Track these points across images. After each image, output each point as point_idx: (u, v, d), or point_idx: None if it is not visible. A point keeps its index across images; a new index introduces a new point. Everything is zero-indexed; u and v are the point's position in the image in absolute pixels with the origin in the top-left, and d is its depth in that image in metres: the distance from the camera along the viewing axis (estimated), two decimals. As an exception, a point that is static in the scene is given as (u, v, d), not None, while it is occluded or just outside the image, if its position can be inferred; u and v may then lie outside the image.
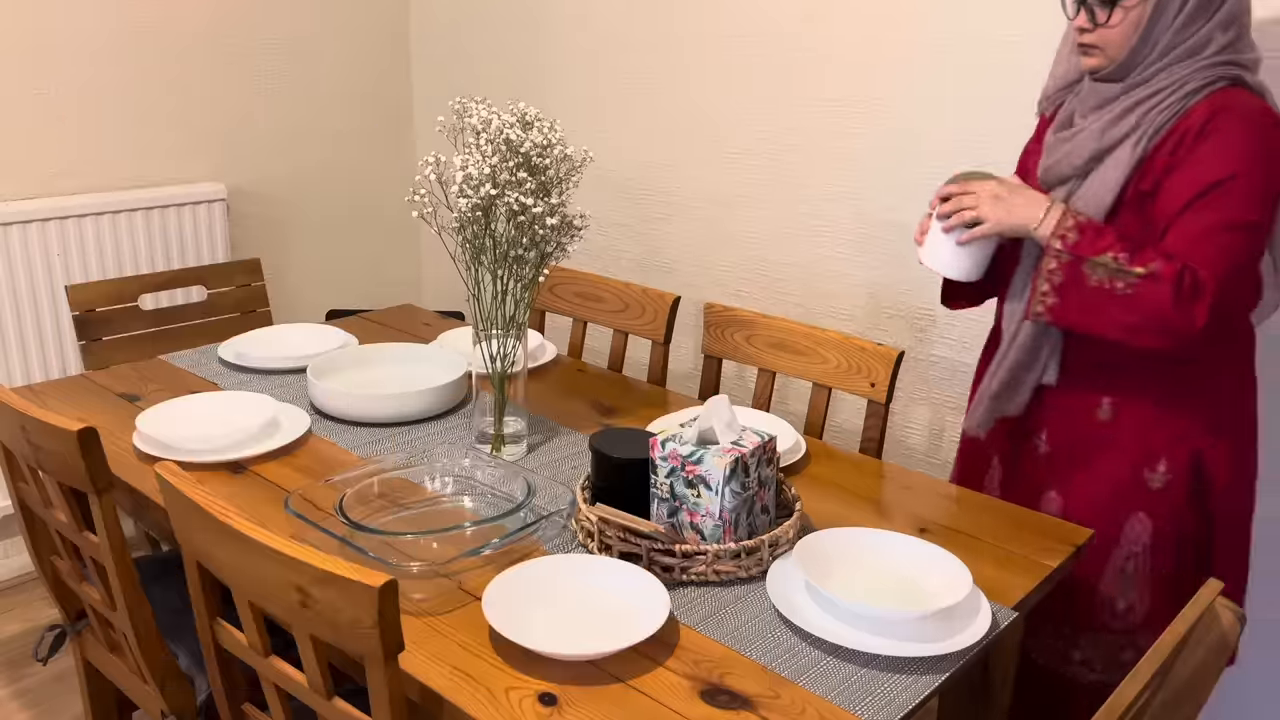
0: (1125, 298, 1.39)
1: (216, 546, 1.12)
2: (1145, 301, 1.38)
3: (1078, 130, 1.51)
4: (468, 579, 1.28)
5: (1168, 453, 1.50)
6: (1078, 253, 1.42)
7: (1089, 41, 1.47)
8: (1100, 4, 1.44)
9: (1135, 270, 1.38)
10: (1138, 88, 1.46)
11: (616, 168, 2.73)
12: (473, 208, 1.49)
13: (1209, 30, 1.42)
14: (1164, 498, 1.51)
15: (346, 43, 3.01)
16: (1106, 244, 1.41)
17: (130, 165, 2.64)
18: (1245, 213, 1.37)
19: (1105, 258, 1.40)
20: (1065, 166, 1.51)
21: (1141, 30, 1.43)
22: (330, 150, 3.04)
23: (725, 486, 1.28)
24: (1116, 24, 1.44)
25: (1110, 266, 1.40)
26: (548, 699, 1.07)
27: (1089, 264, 1.41)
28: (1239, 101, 1.40)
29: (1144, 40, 1.44)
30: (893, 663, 1.14)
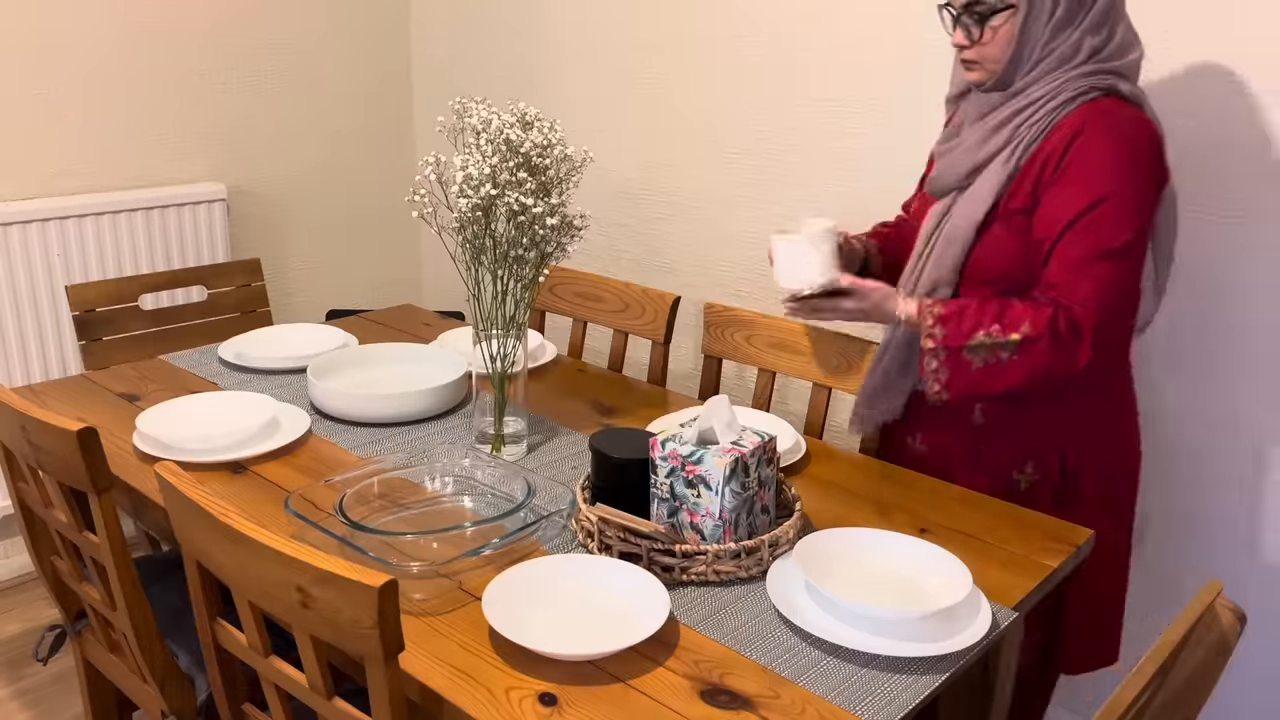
0: (1012, 363, 1.45)
1: (216, 546, 1.12)
2: (1030, 362, 1.44)
3: (960, 142, 1.57)
4: (468, 579, 1.28)
5: (1036, 455, 1.57)
6: (950, 345, 1.47)
7: (969, 57, 1.53)
8: (973, 22, 1.50)
9: (1011, 339, 1.44)
10: (1016, 97, 1.51)
11: (616, 168, 2.73)
12: (473, 208, 1.49)
13: (1079, 37, 1.47)
14: (1029, 499, 1.57)
15: (347, 43, 3.01)
16: (972, 324, 1.46)
17: (130, 165, 2.64)
18: (1117, 236, 1.42)
19: (978, 338, 1.46)
20: (949, 178, 1.58)
21: (1015, 43, 1.49)
22: (330, 150, 3.04)
23: (725, 486, 1.28)
24: (990, 40, 1.49)
25: (987, 344, 1.45)
26: (548, 699, 1.07)
27: (967, 350, 1.46)
28: (1108, 113, 1.45)
29: (1018, 52, 1.49)
30: (893, 663, 1.14)
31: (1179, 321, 1.86)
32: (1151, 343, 1.89)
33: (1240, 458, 1.83)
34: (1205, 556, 1.91)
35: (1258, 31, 1.69)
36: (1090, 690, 2.13)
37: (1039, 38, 1.48)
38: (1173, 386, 1.89)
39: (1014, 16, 1.47)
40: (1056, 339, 1.42)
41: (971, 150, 1.55)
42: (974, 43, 1.51)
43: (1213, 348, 1.83)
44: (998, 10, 1.48)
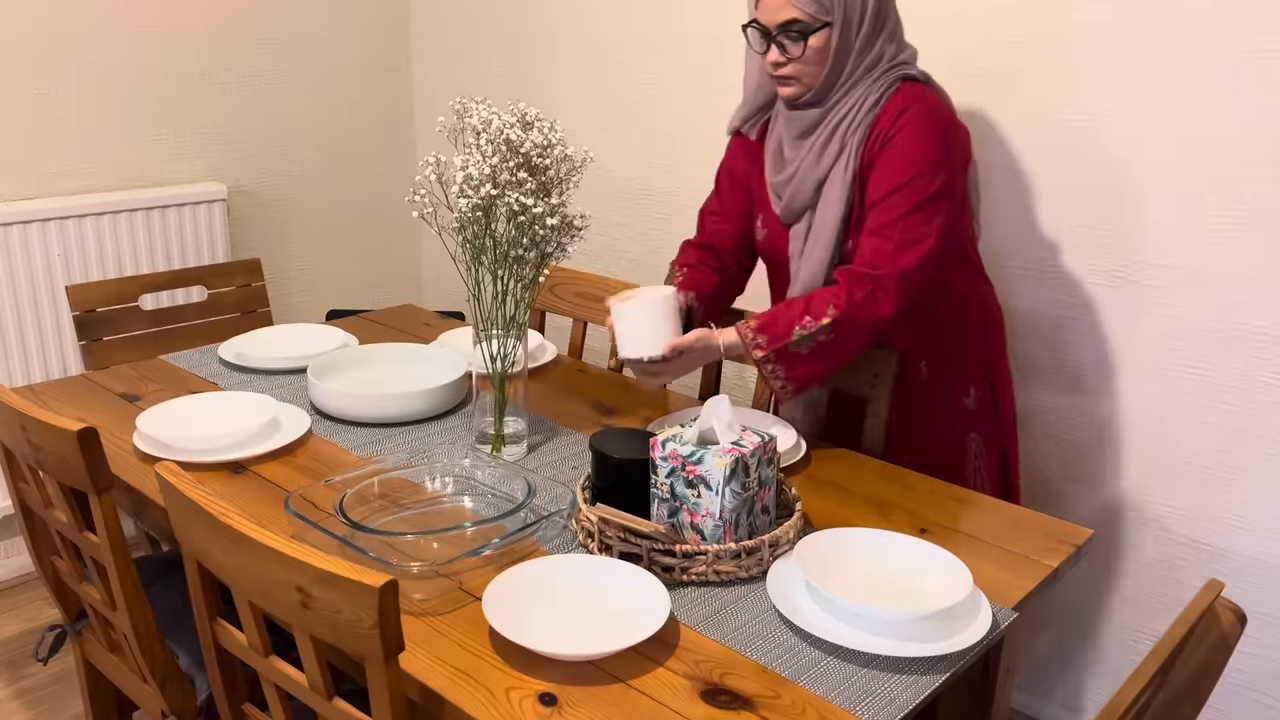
0: (833, 342, 1.57)
1: (216, 546, 1.12)
2: (848, 337, 1.57)
3: (795, 166, 1.68)
4: (468, 579, 1.28)
5: (973, 377, 1.77)
6: (776, 348, 1.58)
7: (787, 74, 1.62)
8: (790, 40, 1.58)
9: (823, 324, 1.56)
10: (834, 109, 1.63)
11: (617, 168, 2.73)
12: (473, 208, 1.49)
13: (881, 47, 1.61)
14: (980, 414, 1.78)
15: (347, 43, 3.01)
16: (785, 324, 1.58)
17: (130, 165, 2.64)
18: (927, 187, 1.56)
19: (796, 333, 1.57)
20: (800, 201, 1.69)
21: (832, 56, 1.59)
22: (330, 150, 3.04)
23: (725, 487, 1.28)
24: (809, 56, 1.59)
25: (806, 335, 1.57)
26: (548, 699, 1.07)
27: (791, 346, 1.57)
28: (913, 96, 1.60)
29: (836, 66, 1.60)
30: (893, 663, 1.14)
31: (1188, 326, 1.86)
32: (1152, 343, 1.89)
33: (1241, 457, 1.84)
34: (1205, 556, 1.91)
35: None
36: (1091, 690, 2.13)
37: (850, 52, 1.60)
38: (1174, 387, 1.89)
39: (829, 32, 1.58)
40: (860, 309, 1.56)
41: (811, 168, 1.66)
42: (792, 60, 1.59)
43: (1218, 350, 1.83)
44: (815, 29, 1.57)
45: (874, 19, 1.60)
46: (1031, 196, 1.99)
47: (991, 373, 1.80)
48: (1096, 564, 2.05)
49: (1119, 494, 2.00)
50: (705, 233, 1.88)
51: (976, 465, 1.80)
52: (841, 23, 1.57)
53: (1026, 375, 2.07)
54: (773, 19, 1.58)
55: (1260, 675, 1.89)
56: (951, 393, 1.78)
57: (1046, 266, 2.00)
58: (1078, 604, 2.10)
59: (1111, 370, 1.96)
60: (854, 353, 1.61)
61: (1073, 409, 2.03)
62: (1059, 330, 2.01)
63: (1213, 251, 1.80)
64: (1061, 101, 1.92)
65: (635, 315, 1.59)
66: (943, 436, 1.79)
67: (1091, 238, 1.93)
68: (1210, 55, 1.74)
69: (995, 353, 1.81)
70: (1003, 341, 1.83)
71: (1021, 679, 2.22)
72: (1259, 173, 1.73)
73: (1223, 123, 1.75)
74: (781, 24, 1.58)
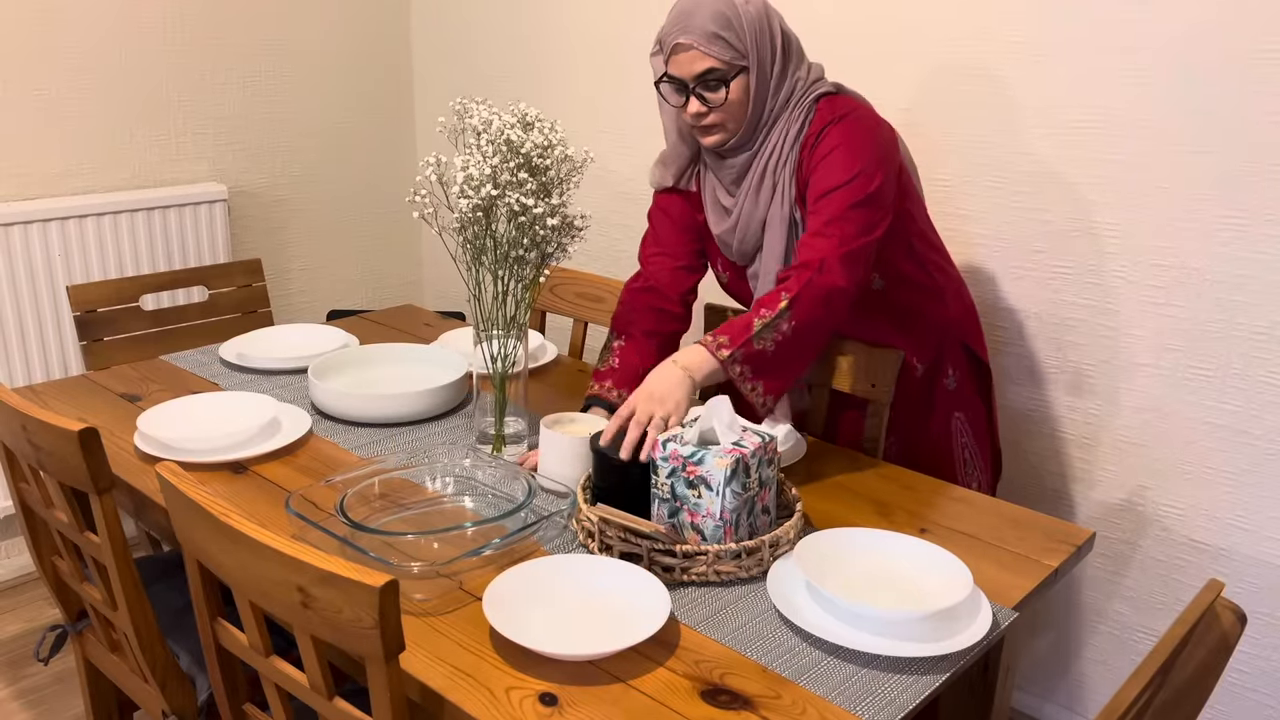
0: (795, 329, 1.53)
1: (217, 546, 1.12)
2: (808, 317, 1.53)
3: (736, 213, 1.69)
4: (468, 579, 1.28)
5: (951, 359, 1.79)
6: (740, 346, 1.53)
7: (711, 122, 1.61)
8: (708, 89, 1.58)
9: (781, 309, 1.52)
10: (761, 150, 1.65)
11: (617, 168, 2.73)
12: (473, 208, 1.49)
13: (793, 77, 1.63)
14: (960, 393, 1.81)
15: (347, 43, 3.01)
16: (745, 322, 1.54)
17: (131, 165, 2.64)
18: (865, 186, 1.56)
19: (756, 327, 1.53)
20: (750, 244, 1.70)
21: (753, 98, 1.60)
22: (331, 151, 3.04)
23: (726, 487, 1.28)
24: (729, 102, 1.59)
25: (767, 326, 1.53)
26: (548, 699, 1.07)
27: (754, 341, 1.53)
28: (832, 109, 1.61)
29: (755, 106, 1.61)
30: (893, 663, 1.14)
31: (1188, 326, 1.86)
32: (1152, 343, 1.89)
33: (1241, 457, 1.84)
34: (1205, 556, 1.91)
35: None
36: (1091, 690, 2.13)
37: (768, 91, 1.62)
38: (1174, 387, 1.89)
39: (747, 76, 1.59)
40: (808, 284, 1.53)
41: (751, 211, 1.67)
42: (713, 109, 1.59)
43: (1218, 350, 1.83)
44: (732, 76, 1.58)
45: (784, 53, 1.61)
46: (1032, 197, 1.99)
47: (969, 350, 1.82)
48: (1096, 564, 2.05)
49: (1119, 494, 2.00)
50: (648, 272, 1.82)
51: (963, 443, 1.82)
52: (756, 63, 1.58)
53: (1027, 375, 2.07)
54: (688, 71, 1.58)
55: (1260, 675, 1.89)
56: (933, 377, 1.79)
57: (1047, 266, 2.00)
58: (1078, 604, 2.10)
59: (1111, 370, 1.96)
60: (819, 334, 1.56)
61: (1073, 409, 2.03)
62: (1059, 330, 2.01)
63: (1213, 251, 1.80)
64: (1063, 102, 1.92)
65: (560, 446, 1.50)
66: (930, 421, 1.80)
67: (1092, 238, 1.93)
68: (1212, 55, 1.74)
69: (969, 330, 1.82)
70: (974, 317, 1.83)
71: (1021, 679, 2.22)
72: (1259, 173, 1.73)
73: (1224, 123, 1.75)
74: (699, 75, 1.57)
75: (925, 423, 1.80)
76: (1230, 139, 1.75)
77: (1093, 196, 1.92)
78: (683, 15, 1.57)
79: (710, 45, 1.55)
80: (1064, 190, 1.95)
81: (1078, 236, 1.95)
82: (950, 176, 2.09)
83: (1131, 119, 1.84)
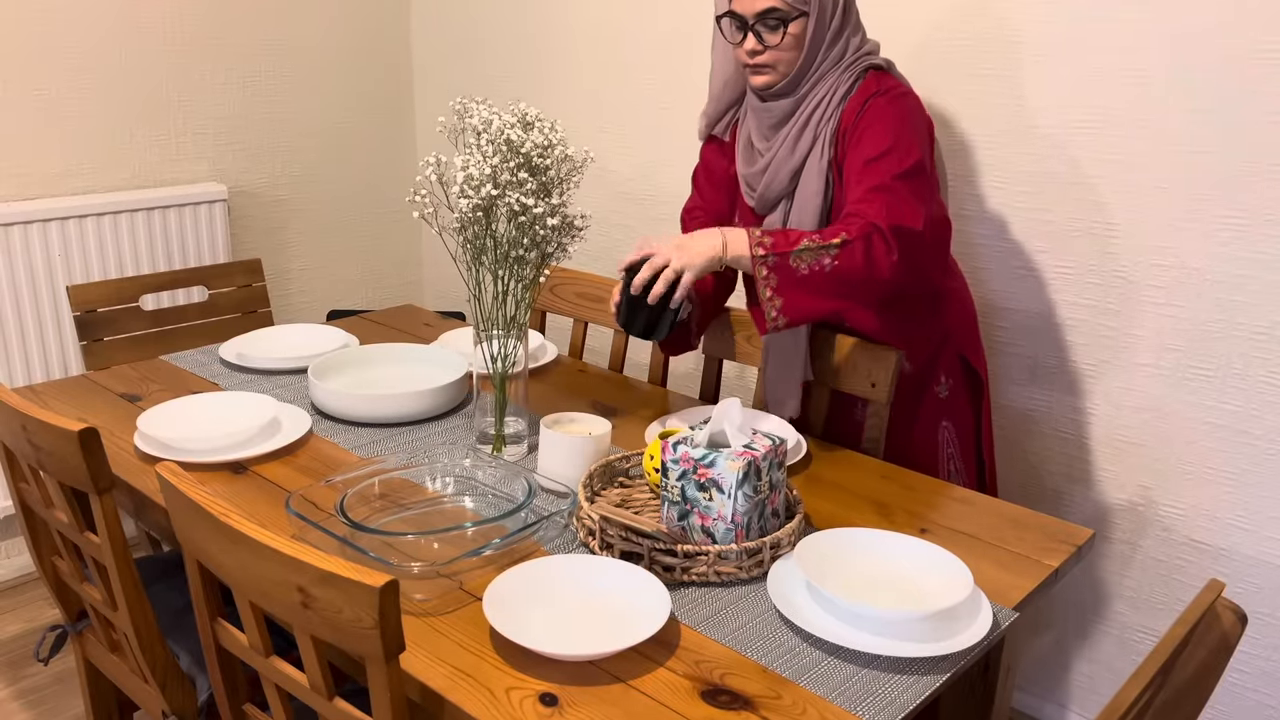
0: (836, 269, 1.52)
1: (217, 547, 1.12)
2: (851, 269, 1.52)
3: (769, 157, 1.70)
4: (468, 579, 1.28)
5: (945, 367, 1.79)
6: (779, 251, 1.52)
7: (763, 61, 1.65)
8: (768, 29, 1.61)
9: (832, 243, 1.52)
10: (805, 101, 1.67)
11: (617, 168, 2.73)
12: (474, 208, 1.49)
13: (848, 39, 1.66)
14: (951, 403, 1.80)
15: (347, 43, 3.01)
16: (796, 235, 1.54)
17: (131, 165, 2.64)
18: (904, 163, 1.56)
19: (803, 245, 1.52)
20: (776, 190, 1.71)
21: (807, 46, 1.63)
22: (331, 150, 3.04)
23: (738, 490, 1.28)
24: (785, 43, 1.62)
25: (811, 249, 1.52)
26: (548, 699, 1.07)
27: (793, 256, 1.52)
28: (880, 83, 1.64)
29: (809, 54, 1.64)
30: (893, 663, 1.14)
31: (1188, 326, 1.86)
32: (1152, 343, 1.89)
33: (1241, 457, 1.84)
34: (1206, 556, 1.91)
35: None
36: (1092, 691, 2.13)
37: (823, 42, 1.64)
38: (1174, 387, 1.89)
39: (805, 21, 1.62)
40: (869, 244, 1.52)
41: (785, 158, 1.68)
42: (769, 48, 1.63)
43: (1218, 350, 1.83)
44: (793, 18, 1.61)
45: (844, 12, 1.65)
46: (1032, 197, 1.99)
47: (965, 361, 1.82)
48: (1096, 564, 2.05)
49: (1119, 494, 2.00)
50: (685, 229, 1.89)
51: (949, 454, 1.82)
52: (817, 13, 1.62)
53: (1027, 375, 2.07)
54: (751, 8, 1.61)
55: (1261, 675, 1.89)
56: (924, 383, 1.79)
57: (1047, 267, 2.00)
58: (1078, 604, 2.10)
59: (1112, 370, 1.96)
60: (853, 286, 1.53)
61: (1073, 409, 2.03)
62: (1059, 330, 2.01)
63: (1213, 251, 1.80)
64: (1065, 102, 1.92)
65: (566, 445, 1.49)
66: (915, 427, 1.81)
67: (1092, 238, 1.93)
68: (1212, 55, 1.74)
69: (968, 341, 1.82)
70: (975, 329, 1.84)
71: (1021, 679, 2.22)
72: (1260, 172, 1.73)
73: (1224, 123, 1.75)
74: (760, 12, 1.61)
75: (910, 429, 1.81)
76: (1230, 139, 1.75)
77: (1093, 196, 1.92)
78: None
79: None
80: (1064, 190, 1.95)
81: (1078, 236, 1.95)
82: (951, 176, 2.09)
83: (1131, 119, 1.84)
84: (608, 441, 1.53)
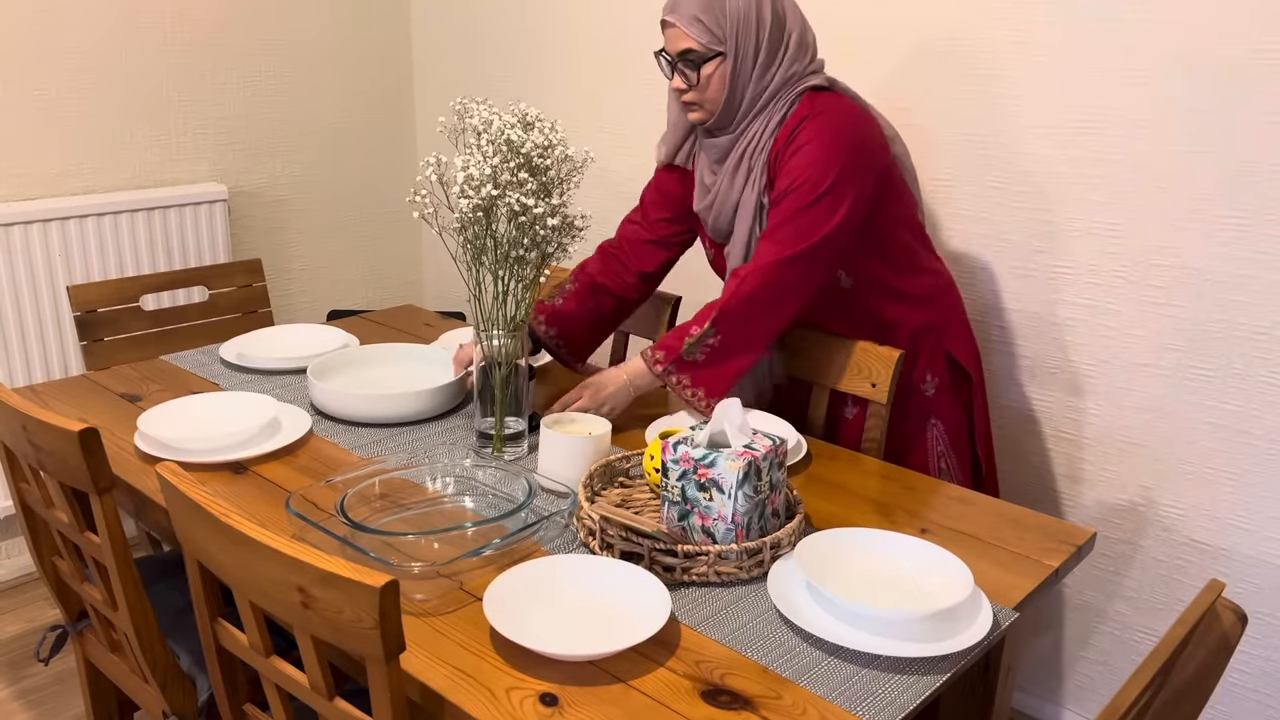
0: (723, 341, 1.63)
1: (217, 547, 1.12)
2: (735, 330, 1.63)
3: (714, 192, 1.74)
4: (469, 579, 1.28)
5: (929, 366, 1.80)
6: (673, 358, 1.65)
7: (689, 100, 1.68)
8: (688, 68, 1.64)
9: (706, 328, 1.63)
10: (742, 136, 1.69)
11: (617, 168, 2.73)
12: (474, 208, 1.49)
13: (781, 68, 1.65)
14: (939, 401, 1.81)
15: (347, 43, 3.01)
16: (678, 335, 1.65)
17: (131, 165, 2.64)
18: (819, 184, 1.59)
19: (687, 342, 1.64)
20: (723, 223, 1.75)
21: (728, 85, 1.64)
22: (331, 151, 3.04)
23: (738, 490, 1.28)
24: (707, 84, 1.64)
25: (694, 341, 1.64)
26: (549, 699, 1.07)
27: (685, 353, 1.64)
28: (812, 105, 1.64)
29: (731, 95, 1.65)
30: (894, 663, 1.14)
31: (1188, 326, 1.86)
32: (1152, 343, 1.89)
33: (1241, 457, 1.84)
34: (1206, 556, 1.91)
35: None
36: (1092, 691, 2.13)
37: (748, 80, 1.65)
38: (1174, 387, 1.89)
39: (724, 63, 1.63)
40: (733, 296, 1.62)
41: (727, 193, 1.72)
42: (692, 87, 1.65)
43: (1218, 350, 1.83)
44: (708, 59, 1.62)
45: (769, 47, 1.64)
46: (1032, 197, 1.99)
47: (953, 358, 1.81)
48: (1096, 564, 2.05)
49: (1119, 494, 2.00)
50: (618, 238, 1.92)
51: (939, 451, 1.83)
52: (735, 53, 1.62)
53: (1027, 375, 2.07)
54: (673, 48, 1.65)
55: (1261, 675, 1.89)
56: (909, 381, 1.80)
57: (1047, 266, 2.00)
58: (1078, 604, 2.10)
59: (1111, 370, 1.96)
60: (753, 343, 1.64)
61: (1073, 409, 2.03)
62: (1059, 330, 2.01)
63: (1213, 251, 1.80)
64: (1063, 102, 1.92)
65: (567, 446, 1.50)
66: (904, 425, 1.81)
67: (1092, 238, 1.93)
68: (1212, 56, 1.74)
69: (955, 339, 1.81)
70: (962, 325, 1.84)
71: (1022, 679, 2.22)
72: (1260, 172, 1.73)
73: (1224, 123, 1.75)
74: (679, 53, 1.64)
75: (899, 428, 1.81)
76: (1230, 139, 1.75)
77: (1093, 196, 1.92)
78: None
79: (690, 26, 1.61)
80: (1064, 190, 1.95)
81: (1078, 236, 1.95)
82: (951, 176, 2.09)
83: (1131, 119, 1.84)
84: (608, 441, 1.54)
